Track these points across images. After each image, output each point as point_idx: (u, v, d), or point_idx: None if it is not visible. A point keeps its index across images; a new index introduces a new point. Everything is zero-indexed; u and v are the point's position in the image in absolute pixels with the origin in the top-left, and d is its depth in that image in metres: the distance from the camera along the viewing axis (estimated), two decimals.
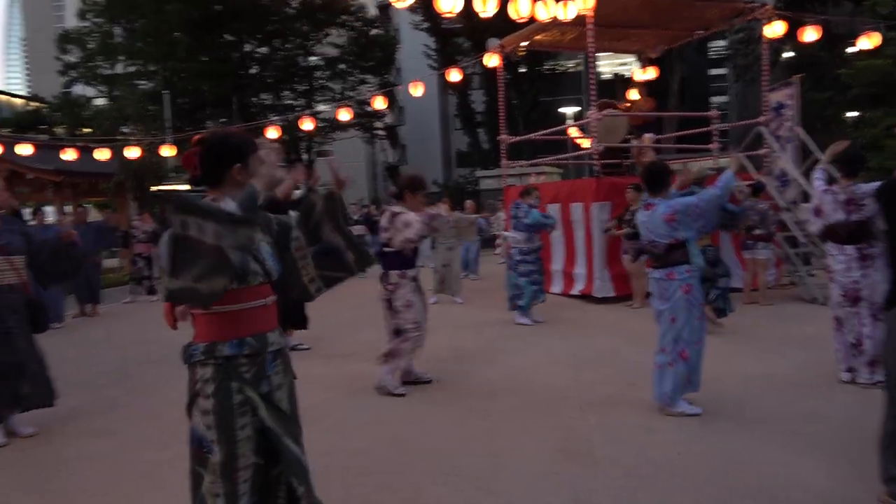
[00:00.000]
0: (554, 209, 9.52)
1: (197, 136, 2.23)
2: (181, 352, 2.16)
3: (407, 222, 4.91)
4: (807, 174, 10.17)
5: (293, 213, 2.44)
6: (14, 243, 4.26)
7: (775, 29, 10.16)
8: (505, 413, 4.48)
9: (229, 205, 1.99)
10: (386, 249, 5.06)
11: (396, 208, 5.07)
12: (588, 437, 3.96)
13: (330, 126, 30.77)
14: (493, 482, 3.36)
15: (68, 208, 17.48)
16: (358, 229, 13.89)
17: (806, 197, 9.64)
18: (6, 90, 52.12)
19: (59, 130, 32.23)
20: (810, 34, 10.40)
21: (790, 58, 21.85)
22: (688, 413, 4.23)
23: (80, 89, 39.98)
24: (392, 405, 4.79)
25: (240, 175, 2.12)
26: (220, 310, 2.08)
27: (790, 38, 11.25)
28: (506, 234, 7.91)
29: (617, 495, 3.17)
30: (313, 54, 32.52)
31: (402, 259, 5.07)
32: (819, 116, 18.66)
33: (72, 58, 35.86)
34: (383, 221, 5.10)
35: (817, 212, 4.87)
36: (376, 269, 4.41)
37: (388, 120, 43.04)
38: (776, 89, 10.36)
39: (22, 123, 32.31)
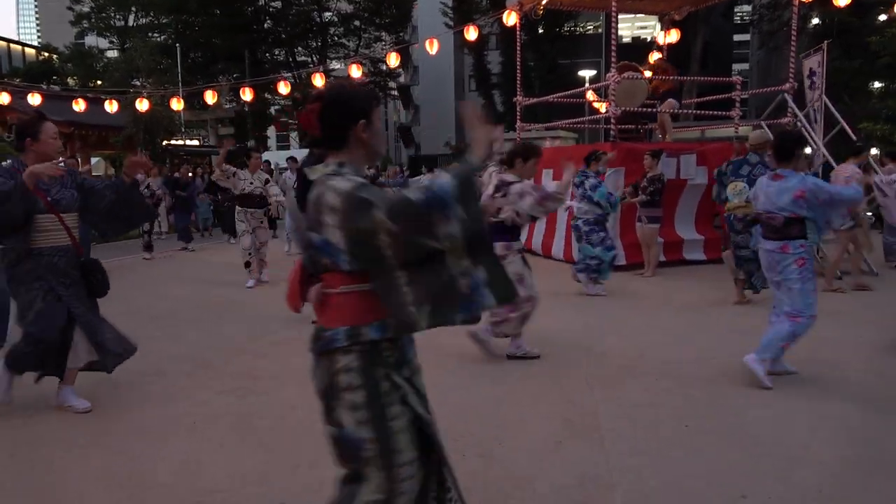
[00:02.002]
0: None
1: (315, 92, 1.98)
2: (311, 340, 1.92)
3: (522, 192, 4.53)
4: (830, 145, 9.88)
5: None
6: (65, 199, 3.80)
7: None
8: (513, 384, 4.39)
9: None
10: (492, 219, 4.68)
11: (508, 176, 4.67)
12: (594, 410, 3.86)
13: None
14: (497, 452, 3.29)
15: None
16: None
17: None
18: (18, 40, 51.78)
19: (71, 82, 32.04)
20: None
21: (816, 25, 21.17)
22: (789, 371, 4.36)
23: (92, 41, 39.67)
24: None
25: (365, 132, 1.90)
26: (362, 288, 1.84)
27: (820, 2, 10.79)
28: (571, 204, 7.46)
29: (622, 473, 3.08)
30: (328, 10, 31.97)
31: (506, 229, 4.71)
32: (846, 86, 18.12)
33: (84, 8, 35.47)
34: (489, 189, 4.69)
35: None
36: None
37: (402, 80, 42.50)
38: (809, 56, 9.97)
39: (33, 73, 32.10)
